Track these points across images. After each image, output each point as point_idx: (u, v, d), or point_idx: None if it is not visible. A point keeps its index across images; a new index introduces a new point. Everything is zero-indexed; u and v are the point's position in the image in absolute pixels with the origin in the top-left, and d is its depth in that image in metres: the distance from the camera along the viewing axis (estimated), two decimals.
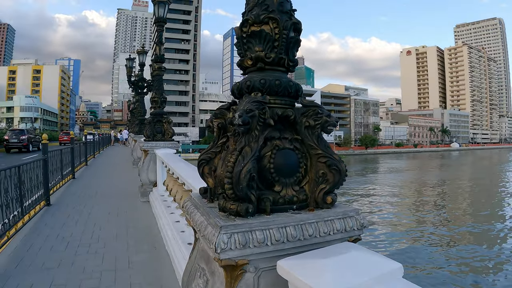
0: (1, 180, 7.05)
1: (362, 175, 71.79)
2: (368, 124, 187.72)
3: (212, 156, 2.81)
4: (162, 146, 11.31)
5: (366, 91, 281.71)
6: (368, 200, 41.03)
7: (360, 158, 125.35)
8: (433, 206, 38.46)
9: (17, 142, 37.40)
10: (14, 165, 8.19)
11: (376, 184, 55.83)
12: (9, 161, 23.79)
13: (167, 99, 12.29)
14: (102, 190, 13.69)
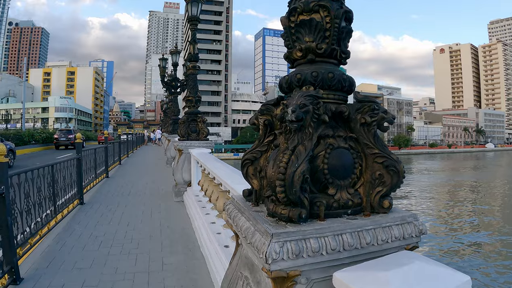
0: (34, 179, 6.96)
1: None
2: (401, 124, 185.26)
3: (257, 156, 2.62)
4: (196, 145, 11.18)
5: (399, 90, 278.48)
6: (401, 202, 40.34)
7: None
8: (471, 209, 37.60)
9: (65, 140, 41.95)
10: (47, 164, 8.14)
11: (411, 186, 54.99)
12: (57, 155, 23.72)
13: (200, 98, 12.14)
14: (136, 189, 13.61)
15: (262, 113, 2.64)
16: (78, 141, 11.35)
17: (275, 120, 2.56)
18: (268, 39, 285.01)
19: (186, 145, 11.37)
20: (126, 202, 11.26)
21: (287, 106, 2.15)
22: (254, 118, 2.74)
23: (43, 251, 6.73)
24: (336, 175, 2.27)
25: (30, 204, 6.66)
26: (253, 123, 2.76)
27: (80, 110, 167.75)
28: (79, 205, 10.55)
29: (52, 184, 8.22)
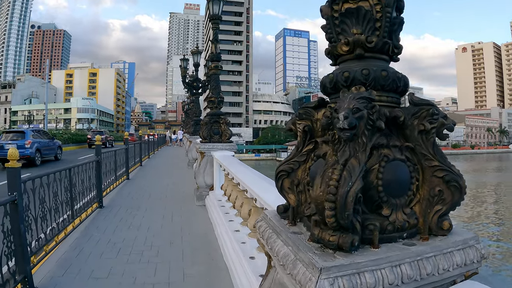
0: (50, 183, 6.68)
1: None
2: None
3: (294, 167, 2.34)
4: (219, 148, 10.81)
5: (421, 90, 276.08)
6: None
7: None
8: (495, 211, 36.87)
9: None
10: (64, 167, 7.84)
11: None
12: (91, 152, 23.85)
13: (223, 99, 11.76)
14: (156, 192, 13.30)
15: (301, 117, 2.28)
16: (97, 143, 11.04)
17: (316, 125, 2.22)
18: (288, 39, 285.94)
19: (208, 147, 11.00)
20: (147, 205, 10.96)
21: (336, 111, 1.80)
22: (291, 123, 2.40)
23: (59, 258, 6.43)
24: (391, 193, 1.92)
25: (46, 210, 6.39)
26: (290, 128, 2.43)
27: (102, 111, 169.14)
28: (98, 208, 10.28)
29: (69, 188, 7.94)
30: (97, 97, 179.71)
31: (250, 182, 5.37)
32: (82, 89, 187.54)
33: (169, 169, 21.92)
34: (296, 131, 2.35)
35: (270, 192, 4.31)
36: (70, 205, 7.96)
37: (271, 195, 4.17)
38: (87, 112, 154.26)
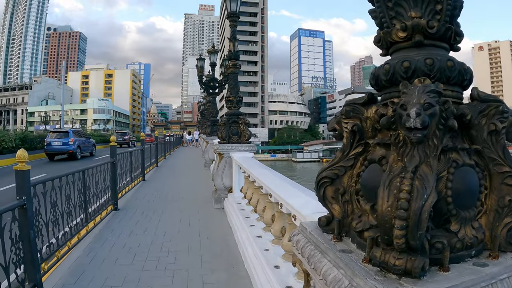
0: (62, 186, 6.39)
1: None
2: None
3: (339, 173, 2.03)
4: (238, 149, 10.41)
5: None
6: None
7: None
8: None
9: (121, 140, 51.23)
10: (77, 169, 7.53)
11: None
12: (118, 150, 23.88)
13: (242, 98, 11.37)
14: (173, 194, 13.00)
15: (347, 115, 1.95)
16: (112, 144, 10.65)
17: (365, 124, 1.90)
18: (303, 40, 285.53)
19: (227, 148, 10.61)
20: (163, 208, 10.64)
21: (403, 107, 1.47)
22: (335, 122, 2.07)
23: (72, 264, 6.16)
24: (460, 204, 1.61)
25: (58, 214, 6.12)
26: (333, 128, 2.08)
27: (117, 111, 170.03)
28: (113, 211, 10.00)
29: (83, 191, 7.67)
30: (113, 98, 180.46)
31: (275, 185, 5.03)
32: (98, 90, 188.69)
33: (185, 170, 21.60)
34: (341, 132, 2.02)
35: (298, 197, 4.01)
36: (84, 208, 7.68)
37: (299, 200, 3.88)
38: (103, 113, 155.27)
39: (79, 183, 7.40)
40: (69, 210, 6.66)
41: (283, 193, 4.46)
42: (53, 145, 29.18)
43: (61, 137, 29.65)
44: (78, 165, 12.49)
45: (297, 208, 3.72)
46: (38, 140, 34.24)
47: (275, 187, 4.93)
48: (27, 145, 31.49)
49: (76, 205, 7.13)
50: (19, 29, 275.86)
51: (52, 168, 21.68)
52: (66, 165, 23.96)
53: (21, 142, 30.65)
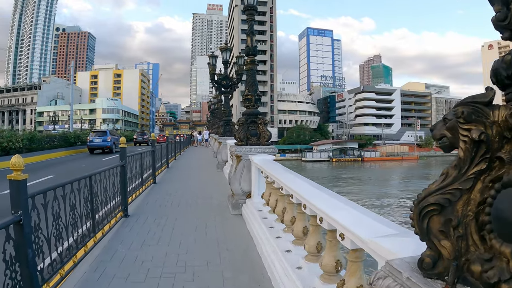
0: (67, 194, 5.68)
1: None
2: None
3: (452, 199, 1.49)
4: (257, 151, 9.63)
5: (447, 88, 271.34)
6: None
7: (442, 159, 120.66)
8: None
9: (141, 140, 56.65)
10: (83, 176, 6.82)
11: None
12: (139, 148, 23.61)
13: (260, 97, 10.64)
14: (186, 198, 12.27)
15: (468, 119, 1.44)
16: (122, 146, 9.97)
17: (492, 132, 1.40)
18: (312, 39, 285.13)
19: (245, 150, 9.83)
20: (176, 214, 9.95)
21: None
22: (446, 127, 1.55)
23: (78, 282, 5.48)
24: None
25: (61, 227, 5.42)
26: (442, 135, 1.54)
27: (126, 111, 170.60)
28: (123, 217, 9.32)
29: (90, 199, 6.97)
30: (121, 97, 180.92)
31: (311, 195, 4.33)
32: (107, 90, 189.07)
33: (197, 172, 20.86)
34: (453, 140, 1.48)
35: (342, 210, 3.37)
36: (91, 217, 6.99)
37: (346, 215, 3.24)
38: (112, 113, 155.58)
39: (85, 190, 6.71)
40: (74, 221, 5.97)
41: (323, 205, 3.79)
42: (94, 142, 36.75)
43: (101, 136, 37.84)
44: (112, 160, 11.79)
45: (347, 225, 3.07)
46: (46, 140, 34.25)
47: (312, 197, 4.24)
48: (35, 145, 31.42)
49: (82, 215, 6.47)
50: (27, 29, 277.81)
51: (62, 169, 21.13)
52: (94, 159, 23.42)
53: (29, 142, 30.60)
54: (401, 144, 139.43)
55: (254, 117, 10.17)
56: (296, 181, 5.34)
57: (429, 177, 71.92)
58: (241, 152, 9.85)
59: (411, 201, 1.61)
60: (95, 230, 7.08)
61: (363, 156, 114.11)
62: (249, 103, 10.21)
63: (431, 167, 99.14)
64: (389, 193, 52.19)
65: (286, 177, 5.79)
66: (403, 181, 66.54)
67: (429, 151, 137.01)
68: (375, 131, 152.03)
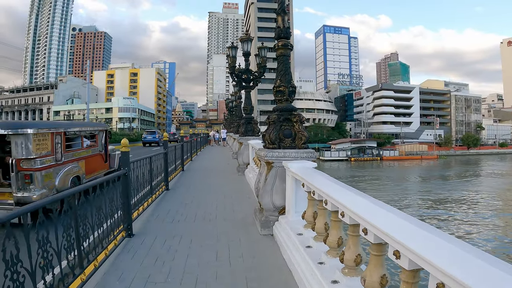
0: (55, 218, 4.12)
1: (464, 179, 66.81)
2: (469, 122, 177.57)
3: None
4: (293, 156, 7.63)
5: (466, 86, 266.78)
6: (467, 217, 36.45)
7: (462, 159, 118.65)
8: None
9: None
10: (67, 193, 4.99)
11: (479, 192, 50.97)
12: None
13: (295, 89, 8.58)
14: (204, 210, 10.32)
15: None
16: (124, 150, 7.91)
17: None
18: (328, 36, 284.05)
19: (278, 155, 7.74)
20: (192, 232, 8.08)
21: None
22: None
23: None
24: None
25: (49, 253, 4.00)
26: None
27: (143, 110, 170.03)
28: (126, 238, 7.54)
29: (74, 227, 5.08)
30: (138, 96, 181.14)
31: (391, 228, 2.92)
32: (123, 89, 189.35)
33: (216, 176, 18.49)
34: None
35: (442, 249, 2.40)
36: (77, 248, 5.14)
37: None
38: (128, 112, 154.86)
39: (66, 218, 4.91)
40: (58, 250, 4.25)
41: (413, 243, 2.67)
42: (147, 138, 54.84)
43: (151, 134, 55.32)
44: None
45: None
46: None
47: (394, 231, 2.84)
48: None
49: (74, 241, 4.83)
50: (44, 30, 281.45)
51: None
52: None
53: None
54: (420, 143, 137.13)
55: (288, 114, 8.12)
56: (369, 206, 3.54)
57: (449, 178, 69.80)
58: (273, 158, 7.78)
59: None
60: (82, 265, 5.26)
61: (382, 155, 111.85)
62: (282, 96, 8.24)
63: (451, 167, 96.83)
64: (409, 194, 50.13)
65: (348, 198, 3.99)
66: (424, 182, 64.26)
67: (448, 150, 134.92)
68: (393, 130, 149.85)
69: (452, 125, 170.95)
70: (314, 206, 5.62)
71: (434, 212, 36.65)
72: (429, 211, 37.14)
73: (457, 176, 70.81)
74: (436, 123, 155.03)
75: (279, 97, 8.22)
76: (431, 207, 39.22)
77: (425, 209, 37.98)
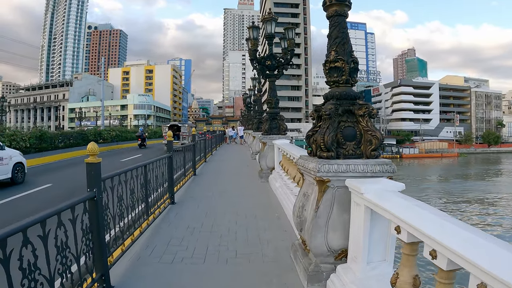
0: None
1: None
2: (490, 119, 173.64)
3: None
4: (361, 171, 4.58)
5: (487, 82, 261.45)
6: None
7: (483, 157, 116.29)
8: None
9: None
10: None
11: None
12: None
13: (358, 65, 5.57)
14: (218, 240, 7.34)
15: None
16: (91, 161, 4.85)
17: None
18: None
19: (337, 169, 4.59)
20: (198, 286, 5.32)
21: None
22: None
23: None
24: None
25: None
26: None
27: (158, 107, 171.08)
28: None
29: None
30: (153, 93, 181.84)
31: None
32: (138, 86, 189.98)
33: (234, 183, 15.23)
34: None
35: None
36: None
37: None
38: (143, 109, 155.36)
39: None
40: None
41: None
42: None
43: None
44: None
45: None
46: (60, 139, 31.23)
47: None
48: (46, 144, 28.02)
49: None
50: (59, 28, 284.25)
51: None
52: None
53: (39, 141, 27.11)
54: (440, 140, 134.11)
55: (350, 103, 5.02)
56: None
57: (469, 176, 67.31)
58: (330, 174, 4.69)
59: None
60: None
61: (401, 152, 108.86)
62: (340, 75, 5.09)
63: (470, 165, 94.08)
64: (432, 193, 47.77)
65: None
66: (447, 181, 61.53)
67: (469, 148, 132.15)
68: (412, 127, 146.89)
69: (472, 122, 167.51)
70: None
71: (461, 213, 35.32)
72: (455, 211, 35.85)
73: (483, 175, 68.39)
74: (456, 120, 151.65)
75: (335, 78, 5.13)
76: (457, 207, 38.03)
77: (451, 210, 36.57)
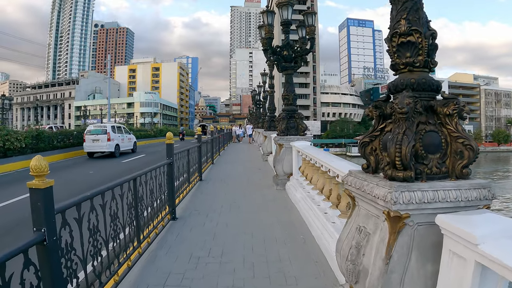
0: None
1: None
2: (499, 117, 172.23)
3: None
4: (452, 199, 3.05)
5: (496, 80, 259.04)
6: None
7: (492, 156, 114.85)
8: None
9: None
10: None
11: None
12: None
13: (436, 34, 3.88)
14: (234, 263, 6.04)
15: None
16: (34, 186, 3.19)
17: None
18: (352, 29, 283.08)
19: (361, 184, 2.90)
20: None
21: None
22: None
23: None
24: None
25: None
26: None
27: (165, 104, 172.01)
28: None
29: None
30: (160, 91, 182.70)
31: None
32: (145, 84, 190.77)
33: (245, 193, 12.65)
34: None
35: None
36: None
37: None
38: (150, 106, 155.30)
39: None
40: None
41: None
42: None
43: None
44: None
45: None
46: (59, 138, 29.83)
47: None
48: (44, 144, 26.64)
49: None
50: (66, 26, 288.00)
51: None
52: None
53: (36, 141, 25.79)
54: None
55: (430, 97, 3.47)
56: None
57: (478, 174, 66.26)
58: (412, 206, 2.89)
59: None
60: None
61: None
62: (415, 54, 3.38)
63: (480, 164, 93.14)
64: None
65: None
66: None
67: (479, 146, 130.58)
68: None
69: (481, 120, 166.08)
70: None
71: None
72: None
73: (487, 174, 68.17)
74: (465, 118, 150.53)
75: (408, 59, 3.40)
76: None
77: None
